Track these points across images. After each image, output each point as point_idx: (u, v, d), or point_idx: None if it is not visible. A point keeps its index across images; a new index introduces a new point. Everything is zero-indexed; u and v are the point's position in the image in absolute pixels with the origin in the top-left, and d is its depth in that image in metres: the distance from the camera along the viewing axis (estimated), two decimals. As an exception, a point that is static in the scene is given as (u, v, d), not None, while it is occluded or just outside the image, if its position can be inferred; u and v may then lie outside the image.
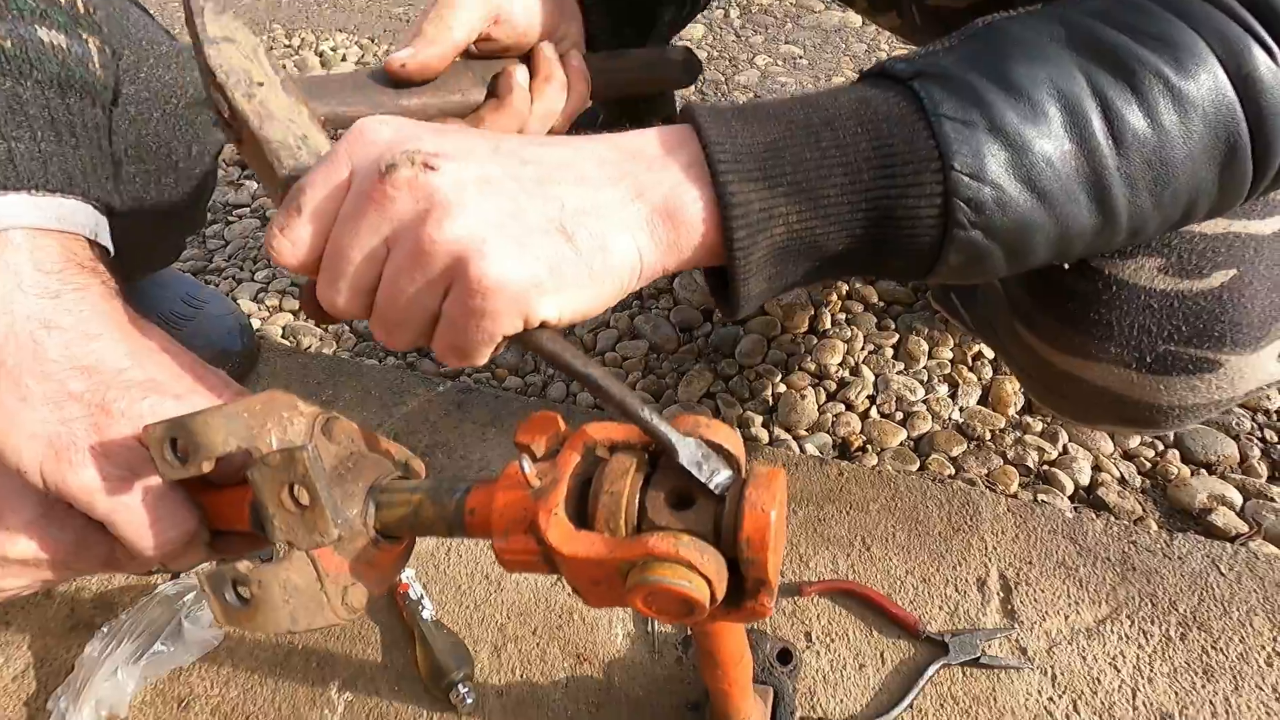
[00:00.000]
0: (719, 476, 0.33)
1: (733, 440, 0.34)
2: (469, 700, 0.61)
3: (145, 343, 0.40)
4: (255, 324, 1.06)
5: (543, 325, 0.34)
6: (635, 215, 0.34)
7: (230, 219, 1.26)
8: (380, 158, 0.33)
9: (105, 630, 0.65)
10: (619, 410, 0.34)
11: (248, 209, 1.27)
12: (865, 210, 0.35)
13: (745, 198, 0.34)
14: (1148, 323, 0.50)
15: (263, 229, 1.24)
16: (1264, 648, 0.61)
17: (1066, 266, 0.44)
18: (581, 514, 0.33)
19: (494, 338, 0.34)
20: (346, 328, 1.05)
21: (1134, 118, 0.36)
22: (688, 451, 0.32)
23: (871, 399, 0.87)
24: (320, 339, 1.04)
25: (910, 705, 0.60)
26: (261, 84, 0.39)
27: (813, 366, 0.91)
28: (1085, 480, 0.77)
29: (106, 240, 0.44)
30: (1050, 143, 0.35)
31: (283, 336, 1.06)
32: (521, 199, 0.33)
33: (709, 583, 0.31)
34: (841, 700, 0.61)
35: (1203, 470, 0.78)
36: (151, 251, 0.67)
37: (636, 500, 0.33)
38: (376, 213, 0.33)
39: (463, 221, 0.32)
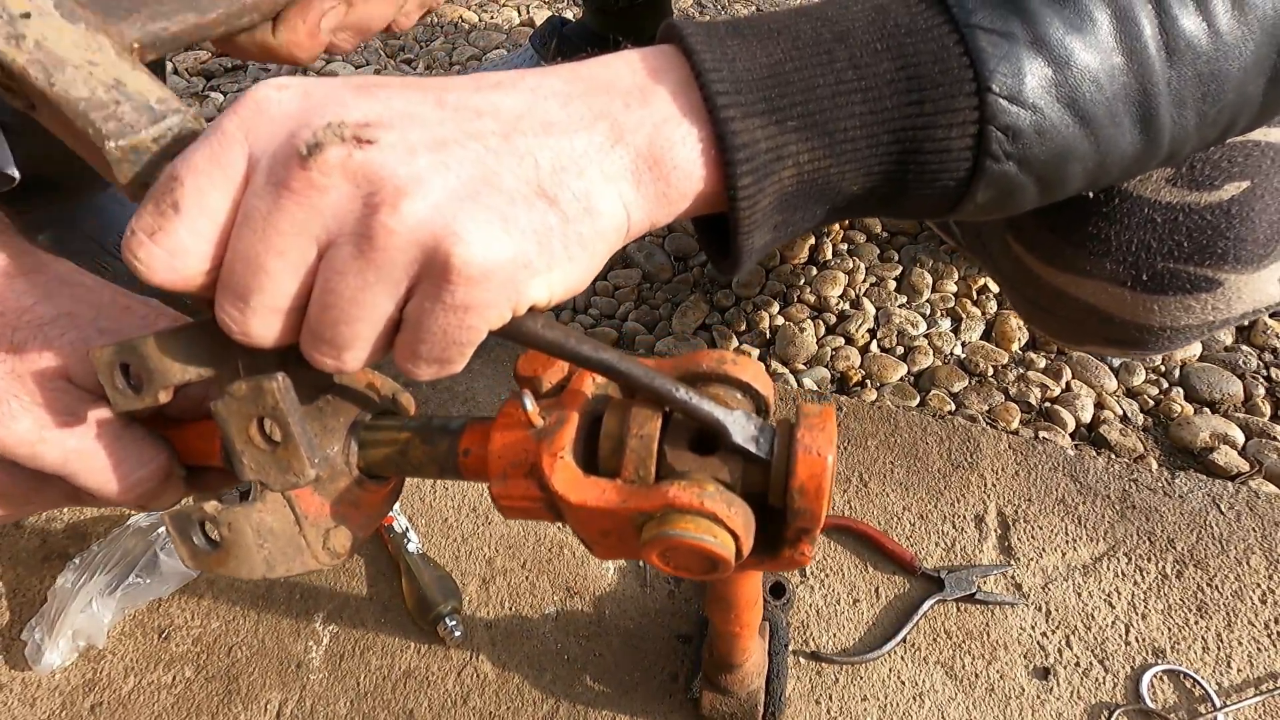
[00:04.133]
0: (765, 438, 0.29)
1: (761, 379, 0.31)
2: (457, 634, 0.60)
3: (50, 273, 0.35)
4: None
5: (531, 310, 0.29)
6: (618, 164, 0.29)
7: (197, 134, 1.18)
8: (294, 136, 0.26)
9: (78, 561, 0.63)
10: (650, 394, 0.30)
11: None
12: (887, 144, 0.30)
13: (750, 136, 0.29)
14: (1148, 238, 0.47)
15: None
16: (1259, 585, 0.61)
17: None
18: (590, 457, 0.30)
19: (480, 336, 0.28)
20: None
21: (1189, 22, 0.32)
22: (739, 427, 0.29)
23: (872, 333, 0.85)
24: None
25: (904, 640, 0.59)
26: (28, 14, 0.28)
27: (812, 298, 0.88)
28: (1087, 418, 0.76)
29: (5, 159, 0.37)
30: (1097, 56, 0.31)
31: (257, 260, 1.00)
32: (489, 161, 0.27)
33: (736, 538, 0.28)
34: (834, 634, 0.60)
35: (1206, 409, 0.76)
36: (70, 166, 0.59)
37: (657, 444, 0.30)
38: (301, 210, 0.26)
39: (425, 199, 0.26)
